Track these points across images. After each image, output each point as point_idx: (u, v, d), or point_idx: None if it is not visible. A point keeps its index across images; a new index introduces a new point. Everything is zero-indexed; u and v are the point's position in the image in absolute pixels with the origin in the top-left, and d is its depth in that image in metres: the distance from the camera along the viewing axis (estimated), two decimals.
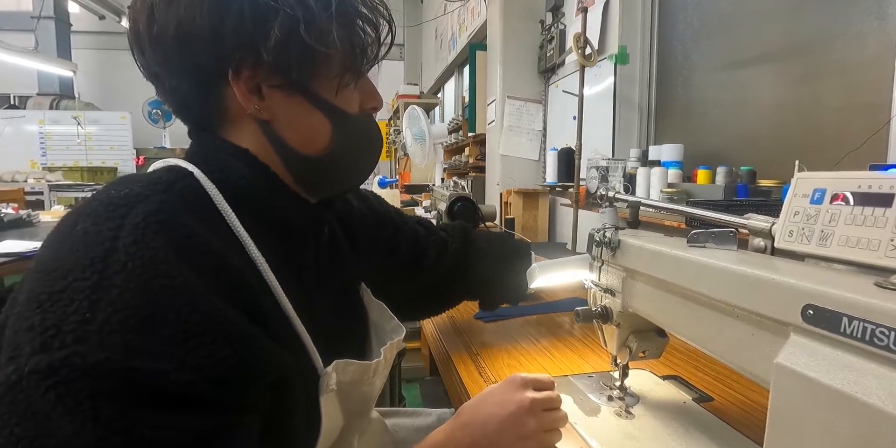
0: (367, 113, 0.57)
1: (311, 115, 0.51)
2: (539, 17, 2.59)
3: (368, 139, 0.58)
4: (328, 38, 0.47)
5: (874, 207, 0.40)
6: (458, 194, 1.72)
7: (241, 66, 0.47)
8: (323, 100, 0.51)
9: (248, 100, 0.48)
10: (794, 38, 1.40)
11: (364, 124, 0.56)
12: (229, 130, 0.51)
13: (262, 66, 0.47)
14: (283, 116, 0.50)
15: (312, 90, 0.50)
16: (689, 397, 0.71)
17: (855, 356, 0.33)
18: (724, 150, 1.63)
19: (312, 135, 0.52)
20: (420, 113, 3.19)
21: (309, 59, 0.48)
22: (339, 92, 0.52)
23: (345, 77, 0.51)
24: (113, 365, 0.34)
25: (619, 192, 0.79)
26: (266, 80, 0.48)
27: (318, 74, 0.50)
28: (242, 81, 0.48)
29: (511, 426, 0.55)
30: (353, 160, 0.57)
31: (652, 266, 0.57)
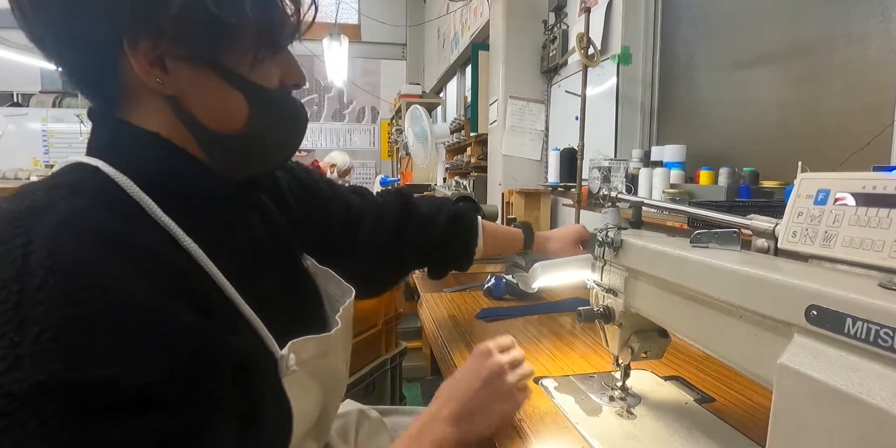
0: (288, 89, 0.54)
1: (223, 90, 0.47)
2: (542, 17, 2.59)
3: (291, 116, 0.54)
4: (238, 9, 0.44)
5: (878, 208, 0.40)
6: (460, 194, 1.72)
7: (138, 36, 0.42)
8: (236, 74, 0.47)
9: (147, 73, 0.44)
10: (797, 39, 1.39)
11: (285, 100, 0.53)
12: (133, 109, 0.47)
13: (163, 36, 0.43)
14: (192, 92, 0.47)
15: (223, 63, 0.46)
16: (690, 398, 0.71)
17: (859, 357, 0.33)
18: (727, 151, 1.63)
19: (227, 112, 0.48)
20: (422, 112, 3.20)
21: (216, 31, 0.44)
22: (255, 67, 0.48)
23: (261, 51, 0.48)
24: (54, 385, 0.32)
25: (622, 192, 0.79)
26: (170, 52, 0.44)
27: (230, 47, 0.46)
28: (141, 52, 0.43)
29: (489, 390, 0.61)
30: (275, 138, 0.54)
31: (654, 266, 0.57)
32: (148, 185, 0.44)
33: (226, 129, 0.49)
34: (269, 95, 0.50)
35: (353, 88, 6.91)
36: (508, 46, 2.63)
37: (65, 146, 6.37)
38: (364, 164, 7.24)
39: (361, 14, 6.76)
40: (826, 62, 1.31)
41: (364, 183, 6.90)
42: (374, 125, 7.26)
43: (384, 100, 7.02)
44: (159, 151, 0.47)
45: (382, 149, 7.24)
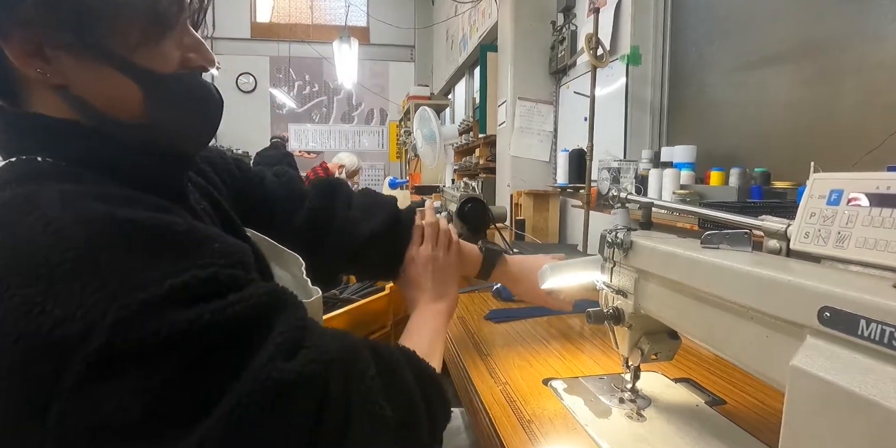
0: (193, 72, 0.50)
1: (111, 76, 0.45)
2: (550, 17, 2.59)
3: (195, 100, 0.51)
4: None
5: (893, 209, 0.39)
6: (469, 195, 1.72)
7: (6, 27, 0.41)
8: (118, 57, 0.44)
9: (26, 64, 0.42)
10: (808, 38, 1.38)
11: (187, 83, 0.50)
12: (29, 100, 0.46)
13: (32, 26, 0.41)
14: (78, 80, 0.45)
15: (105, 48, 0.44)
16: (701, 400, 0.71)
17: (873, 359, 0.32)
18: (738, 152, 1.62)
19: (119, 98, 0.46)
20: (431, 114, 3.20)
21: (84, 15, 0.42)
22: (140, 49, 0.45)
23: (144, 32, 0.45)
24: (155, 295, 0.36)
25: (632, 193, 0.79)
26: (46, 40, 0.42)
27: (108, 30, 0.43)
28: (15, 44, 0.41)
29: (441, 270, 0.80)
30: (183, 123, 0.51)
31: (665, 267, 0.56)
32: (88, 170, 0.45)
33: (125, 117, 0.47)
34: (163, 79, 0.47)
35: (362, 90, 6.94)
36: (517, 48, 2.63)
37: None
38: (373, 166, 7.26)
39: (370, 16, 6.79)
40: (838, 61, 1.29)
41: (373, 184, 6.92)
42: (382, 127, 7.28)
43: (393, 102, 7.04)
44: (77, 139, 0.46)
45: (391, 150, 7.26)
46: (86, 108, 0.46)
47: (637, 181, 1.67)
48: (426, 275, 0.79)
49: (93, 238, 0.36)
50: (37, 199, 0.38)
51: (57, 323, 0.33)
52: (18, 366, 0.34)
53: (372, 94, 7.06)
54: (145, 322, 0.35)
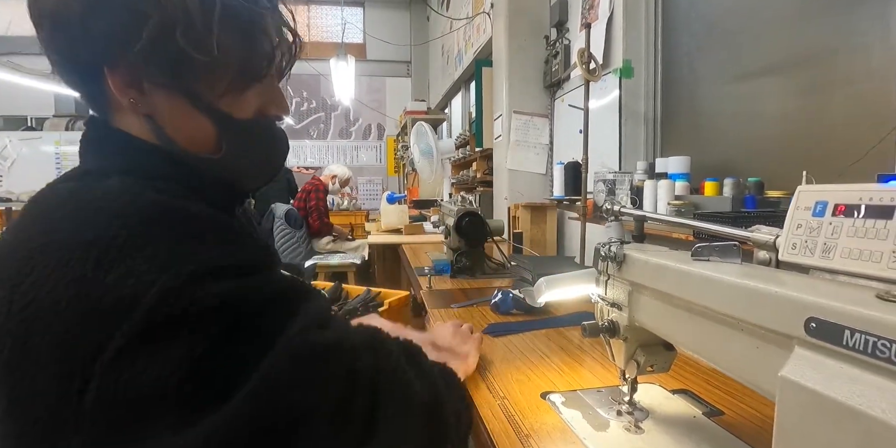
0: (268, 119, 0.57)
1: (192, 116, 0.51)
2: (544, 32, 2.62)
3: (264, 145, 0.58)
4: (206, 44, 0.47)
5: (875, 220, 0.40)
6: (466, 209, 1.73)
7: (115, 62, 0.47)
8: (204, 103, 0.51)
9: (123, 94, 0.49)
10: (799, 50, 1.40)
11: (259, 130, 0.56)
12: (119, 120, 0.52)
13: (136, 64, 0.47)
14: (164, 113, 0.51)
15: (193, 91, 0.50)
16: (699, 411, 0.71)
17: (858, 369, 0.33)
18: (732, 162, 1.63)
19: (195, 136, 0.52)
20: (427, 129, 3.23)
21: (184, 62, 0.48)
22: (226, 96, 0.51)
23: (232, 83, 0.51)
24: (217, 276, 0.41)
25: (625, 206, 0.80)
26: (146, 77, 0.49)
27: (200, 77, 0.50)
28: (118, 75, 0.48)
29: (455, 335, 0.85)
30: (250, 165, 0.58)
31: (657, 280, 0.57)
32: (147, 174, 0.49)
33: (198, 150, 0.53)
34: (239, 124, 0.53)
35: (360, 106, 7.00)
36: (511, 62, 2.66)
37: None
38: (371, 181, 7.29)
39: (366, 33, 6.88)
40: (828, 72, 1.31)
41: (371, 199, 6.94)
42: (380, 142, 7.32)
43: (390, 117, 7.10)
44: (164, 163, 0.51)
45: (389, 165, 7.29)
46: (164, 135, 0.51)
47: (632, 192, 1.68)
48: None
49: (146, 218, 0.41)
50: (99, 185, 0.44)
51: (107, 290, 0.37)
52: (62, 336, 0.36)
53: (369, 109, 7.11)
54: (190, 291, 0.38)
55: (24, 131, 6.63)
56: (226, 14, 0.48)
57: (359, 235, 4.27)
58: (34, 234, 0.41)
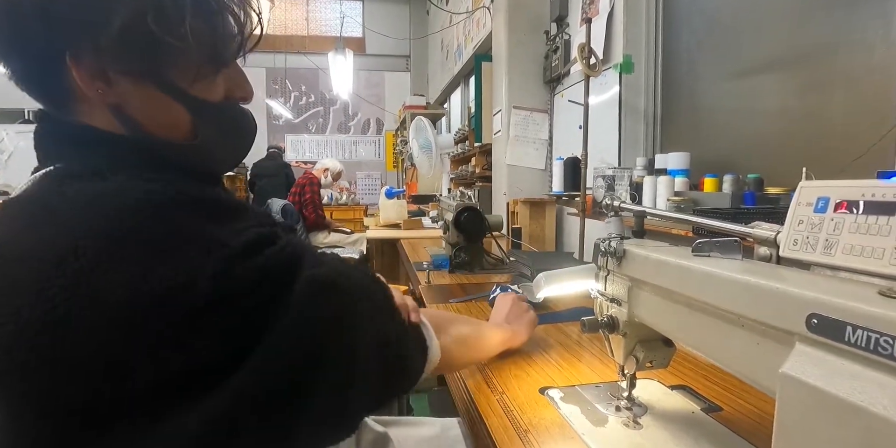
0: (235, 101, 0.56)
1: (165, 103, 0.50)
2: (544, 27, 2.61)
3: (237, 127, 0.57)
4: (179, 30, 0.45)
5: (878, 216, 0.40)
6: (465, 205, 1.73)
7: (80, 50, 0.44)
8: (177, 89, 0.49)
9: (89, 85, 0.46)
10: (799, 46, 1.40)
11: (231, 113, 0.56)
12: (79, 112, 0.49)
13: (105, 52, 0.45)
14: (134, 102, 0.49)
15: (165, 79, 0.48)
16: (697, 407, 0.71)
17: (860, 365, 0.33)
18: (731, 158, 1.63)
19: (169, 122, 0.51)
20: (426, 124, 3.22)
21: (157, 49, 0.46)
22: (197, 81, 0.50)
23: (203, 68, 0.50)
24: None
25: (625, 202, 0.80)
26: (112, 66, 0.46)
27: (171, 63, 0.48)
28: (84, 66, 0.45)
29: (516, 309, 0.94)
30: (224, 149, 0.57)
31: (657, 275, 0.57)
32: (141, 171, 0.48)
33: (171, 137, 0.52)
34: (213, 108, 0.53)
35: (358, 100, 6.98)
36: (511, 57, 2.65)
37: None
38: (369, 176, 7.28)
39: (365, 27, 6.85)
40: (829, 68, 1.31)
41: (370, 194, 6.93)
42: (379, 136, 7.31)
43: (389, 111, 7.08)
44: (135, 154, 0.50)
45: (388, 160, 7.28)
46: (135, 126, 0.49)
47: (632, 188, 1.68)
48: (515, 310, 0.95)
49: (175, 213, 0.42)
50: (110, 184, 0.43)
51: (163, 279, 0.38)
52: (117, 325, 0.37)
53: (368, 104, 7.09)
54: (236, 269, 0.41)
55: (20, 124, 6.60)
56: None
57: (357, 230, 4.26)
58: (60, 238, 0.39)
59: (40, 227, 0.41)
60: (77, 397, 0.37)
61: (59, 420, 0.38)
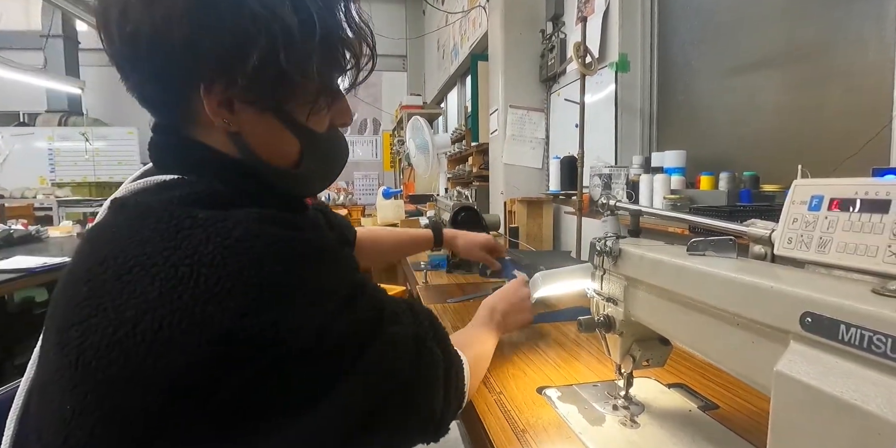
0: (337, 130, 0.59)
1: (281, 133, 0.52)
2: (539, 26, 2.62)
3: (335, 155, 0.60)
4: (307, 67, 0.48)
5: (871, 214, 0.40)
6: (462, 204, 1.73)
7: (213, 82, 0.47)
8: (294, 121, 0.52)
9: (216, 114, 0.49)
10: (794, 44, 1.40)
11: (333, 141, 0.58)
12: (197, 131, 0.52)
13: (235, 85, 0.47)
14: (252, 131, 0.51)
15: (285, 111, 0.51)
16: (694, 405, 0.71)
17: (853, 363, 0.33)
18: (727, 156, 1.63)
19: (281, 151, 0.54)
20: (423, 123, 3.22)
21: (285, 85, 0.49)
22: (312, 115, 0.53)
23: (319, 101, 0.52)
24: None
25: (621, 201, 0.80)
26: (238, 97, 0.48)
27: (293, 98, 0.51)
28: (213, 96, 0.48)
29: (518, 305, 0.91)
30: (320, 176, 0.60)
31: (652, 275, 0.57)
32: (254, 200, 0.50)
33: (279, 164, 0.54)
34: (320, 139, 0.55)
35: (355, 100, 6.96)
36: (507, 56, 2.65)
37: (70, 164, 6.43)
38: (367, 176, 7.27)
39: None
40: (824, 66, 1.31)
41: (367, 194, 6.93)
42: (376, 136, 7.30)
43: (386, 111, 7.07)
44: (239, 177, 0.52)
45: (385, 160, 7.28)
46: (249, 152, 0.52)
47: (628, 187, 1.68)
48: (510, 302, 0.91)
49: (293, 260, 0.42)
50: (243, 224, 0.43)
51: (266, 325, 0.39)
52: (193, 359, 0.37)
53: (365, 104, 7.09)
54: (336, 323, 0.43)
55: (16, 127, 6.58)
56: (324, 35, 0.48)
57: None
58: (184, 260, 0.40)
59: (166, 243, 0.41)
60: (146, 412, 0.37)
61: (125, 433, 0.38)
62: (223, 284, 0.39)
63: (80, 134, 6.30)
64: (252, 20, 0.45)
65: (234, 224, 0.42)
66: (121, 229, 0.44)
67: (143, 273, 0.39)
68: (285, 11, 0.46)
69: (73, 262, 0.44)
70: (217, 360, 0.38)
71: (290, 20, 0.46)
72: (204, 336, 0.37)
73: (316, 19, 0.47)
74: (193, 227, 0.42)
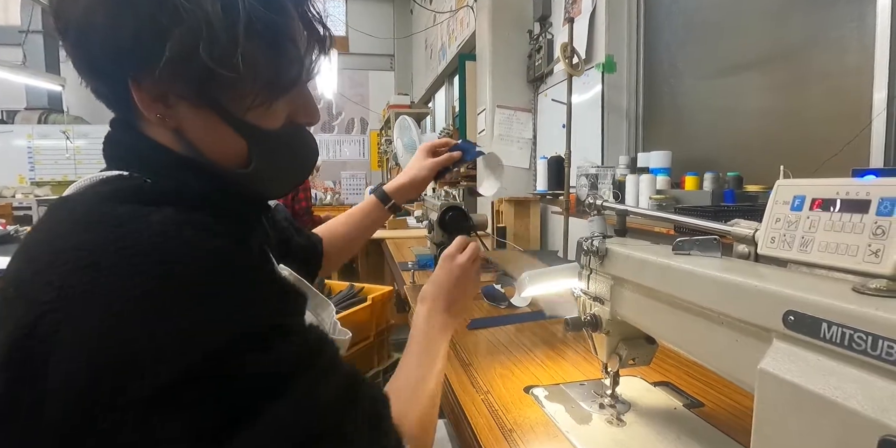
0: (297, 127, 0.55)
1: (222, 130, 0.49)
2: (527, 27, 2.62)
3: (293, 155, 0.56)
4: (231, 60, 0.45)
5: (852, 214, 0.40)
6: (450, 204, 1.73)
7: (140, 74, 0.45)
8: (233, 116, 0.49)
9: (150, 108, 0.47)
10: (778, 46, 1.42)
11: (289, 139, 0.54)
12: (147, 127, 0.50)
13: (162, 77, 0.45)
14: (192, 128, 0.49)
15: (220, 106, 0.48)
16: (679, 403, 0.72)
17: (835, 361, 0.33)
18: (712, 157, 1.65)
19: (226, 149, 0.51)
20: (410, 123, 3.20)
21: (210, 77, 0.46)
22: (253, 109, 0.49)
23: (259, 96, 0.49)
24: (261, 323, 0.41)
25: (607, 201, 0.80)
26: (172, 90, 0.47)
27: (226, 92, 0.48)
28: (144, 89, 0.46)
29: (462, 283, 0.71)
30: (277, 176, 0.56)
31: (638, 274, 0.57)
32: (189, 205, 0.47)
33: (227, 163, 0.51)
34: (269, 136, 0.52)
35: (342, 100, 6.93)
36: (495, 56, 2.66)
37: (50, 163, 6.31)
38: (354, 175, 7.24)
39: (349, 26, 6.80)
40: (806, 68, 1.33)
41: (354, 194, 6.90)
42: (363, 136, 7.27)
43: (373, 110, 7.05)
44: (188, 174, 0.50)
45: (372, 159, 7.25)
46: (193, 150, 0.50)
47: (615, 187, 1.69)
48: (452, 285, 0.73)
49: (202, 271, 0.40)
50: (149, 219, 0.41)
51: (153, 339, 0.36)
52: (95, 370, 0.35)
53: (352, 103, 7.05)
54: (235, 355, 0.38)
55: None
56: (250, 26, 0.45)
57: None
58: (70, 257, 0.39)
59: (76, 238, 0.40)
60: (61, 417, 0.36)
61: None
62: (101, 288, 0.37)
63: (60, 132, 6.19)
64: (168, 10, 0.43)
65: (145, 223, 0.41)
66: (44, 227, 0.44)
67: (50, 270, 0.39)
68: (206, 0, 0.44)
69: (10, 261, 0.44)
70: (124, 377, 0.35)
71: (210, 8, 0.44)
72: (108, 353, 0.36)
73: (241, 6, 0.45)
74: (101, 222, 0.41)
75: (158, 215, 0.42)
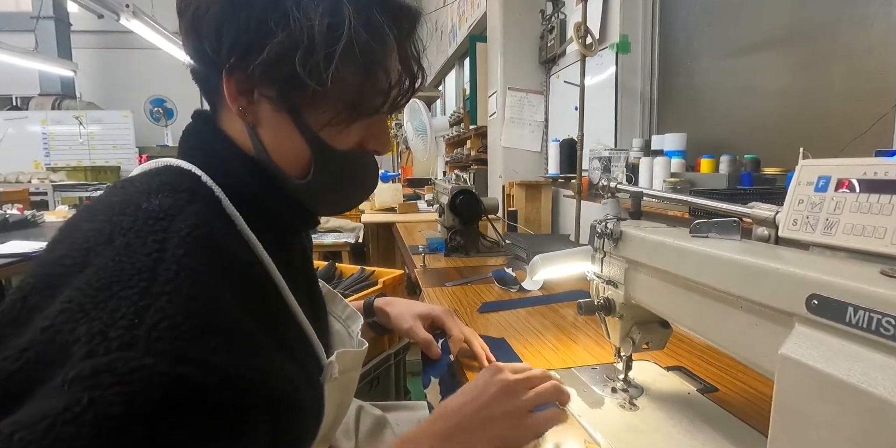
0: (365, 153, 0.56)
1: (294, 137, 0.51)
2: (539, 7, 2.57)
3: (352, 177, 0.57)
4: (320, 75, 0.47)
5: (880, 194, 0.39)
6: (460, 187, 1.72)
7: (235, 66, 0.48)
8: (307, 127, 0.50)
9: (234, 100, 0.49)
10: (797, 24, 1.38)
11: (353, 162, 0.55)
12: (225, 120, 0.53)
13: (253, 75, 0.48)
14: (266, 126, 0.51)
15: (300, 114, 0.50)
16: (693, 388, 0.71)
17: (861, 346, 0.32)
18: (728, 139, 1.62)
19: (291, 156, 0.52)
20: (421, 106, 3.18)
21: (297, 87, 0.48)
22: (328, 126, 0.50)
23: (339, 115, 0.50)
24: (158, 371, 0.33)
25: (622, 183, 0.79)
26: (259, 88, 0.49)
27: (309, 102, 0.49)
28: (234, 81, 0.48)
29: (492, 410, 0.55)
30: (330, 194, 0.57)
31: (654, 257, 0.56)
32: (237, 201, 0.48)
33: (289, 171, 0.53)
34: (335, 154, 0.52)
35: None
36: (506, 37, 2.61)
37: (65, 148, 6.38)
38: None
39: None
40: (828, 47, 1.29)
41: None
42: None
43: None
44: (248, 173, 0.51)
45: None
46: (262, 149, 0.52)
47: (628, 170, 1.67)
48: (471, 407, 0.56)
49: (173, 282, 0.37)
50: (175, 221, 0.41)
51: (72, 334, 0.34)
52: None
53: None
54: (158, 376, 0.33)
55: (9, 111, 6.50)
56: (348, 48, 0.47)
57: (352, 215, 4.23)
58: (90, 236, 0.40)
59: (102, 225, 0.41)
60: None
61: None
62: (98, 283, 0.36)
63: (74, 117, 6.23)
64: (279, 14, 0.46)
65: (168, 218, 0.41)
66: (83, 213, 0.44)
67: (77, 253, 0.39)
68: (316, 14, 0.46)
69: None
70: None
71: (317, 23, 0.46)
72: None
73: (346, 28, 0.46)
74: (125, 214, 0.41)
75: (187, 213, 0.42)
